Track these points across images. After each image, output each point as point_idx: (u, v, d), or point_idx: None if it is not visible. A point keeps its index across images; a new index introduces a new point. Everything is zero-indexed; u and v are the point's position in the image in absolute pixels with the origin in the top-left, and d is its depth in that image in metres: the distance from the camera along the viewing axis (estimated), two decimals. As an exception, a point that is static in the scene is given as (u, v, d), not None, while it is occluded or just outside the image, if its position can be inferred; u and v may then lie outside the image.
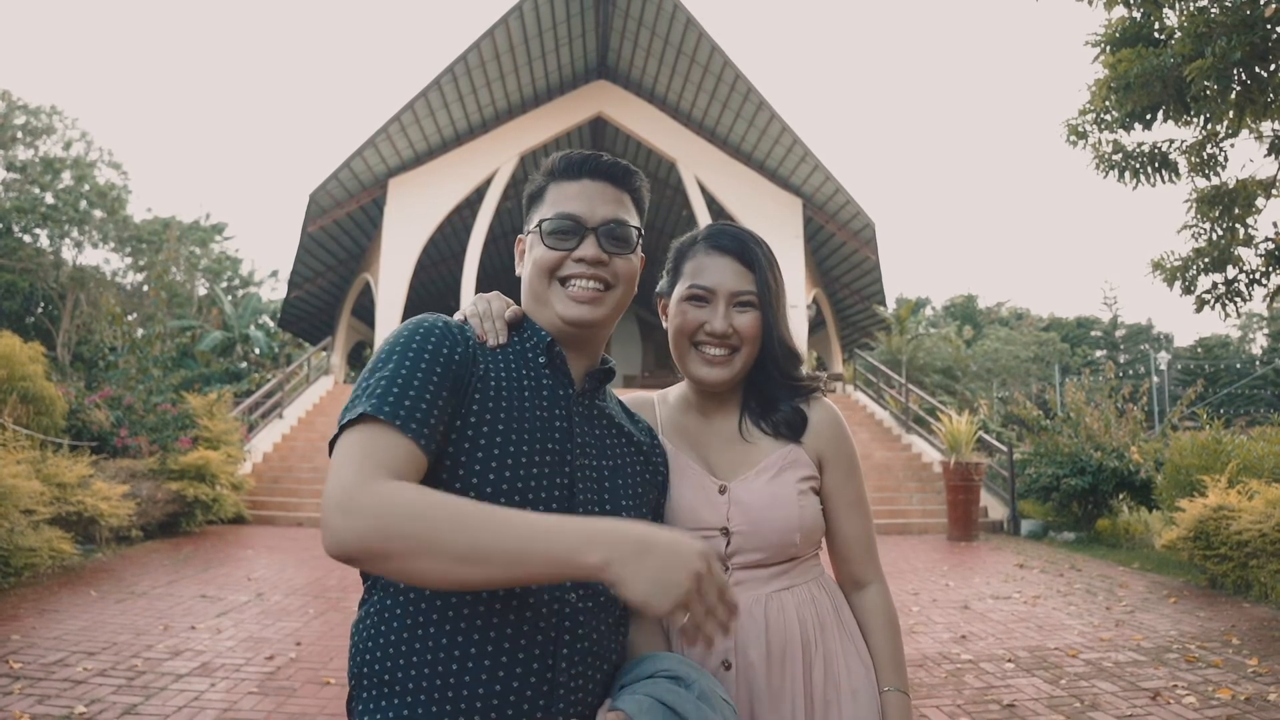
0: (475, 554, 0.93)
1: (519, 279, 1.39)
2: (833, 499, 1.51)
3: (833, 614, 1.48)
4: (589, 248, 1.27)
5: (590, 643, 1.17)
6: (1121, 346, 45.02)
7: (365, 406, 1.06)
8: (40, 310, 29.58)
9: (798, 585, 1.48)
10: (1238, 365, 37.04)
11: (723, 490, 1.47)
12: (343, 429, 1.07)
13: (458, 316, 1.32)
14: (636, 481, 1.35)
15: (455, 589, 1.07)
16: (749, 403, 1.55)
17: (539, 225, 1.31)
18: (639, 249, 1.35)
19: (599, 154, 1.34)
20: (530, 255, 1.33)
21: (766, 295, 1.48)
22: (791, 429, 1.51)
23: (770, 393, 1.53)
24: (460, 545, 0.94)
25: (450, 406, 1.13)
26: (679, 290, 1.51)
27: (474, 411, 1.16)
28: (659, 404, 1.62)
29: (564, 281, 1.29)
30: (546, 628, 1.12)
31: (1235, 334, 43.41)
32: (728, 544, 1.44)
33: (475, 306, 1.33)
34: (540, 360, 1.28)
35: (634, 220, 1.35)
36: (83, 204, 29.01)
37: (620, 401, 1.50)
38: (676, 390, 1.63)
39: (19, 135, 28.83)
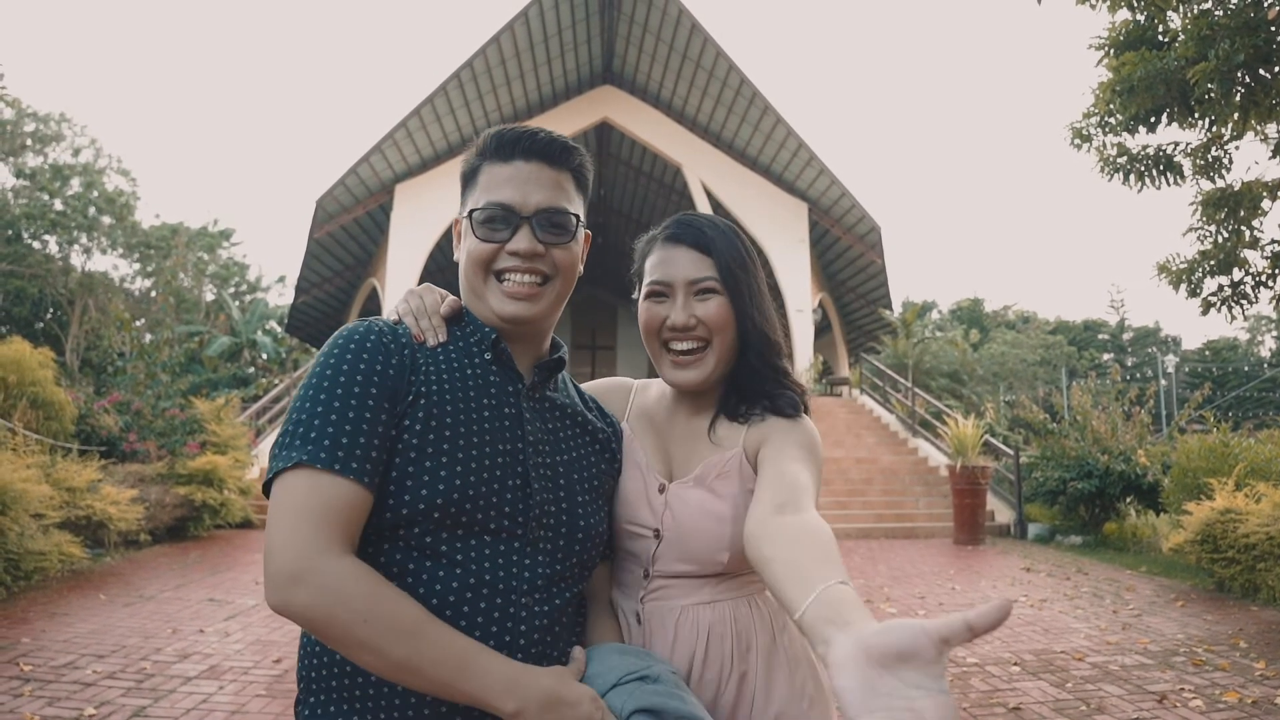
0: (408, 669, 0.99)
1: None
2: (768, 458, 1.29)
3: (765, 634, 1.35)
4: (523, 240, 1.19)
5: (545, 645, 1.15)
6: (1129, 349, 44.85)
7: (303, 454, 1.03)
8: (49, 316, 29.74)
9: (722, 601, 1.35)
10: (1245, 368, 36.90)
11: (662, 489, 1.37)
12: (280, 472, 1.04)
13: (390, 315, 1.25)
14: (593, 474, 1.30)
15: (374, 673, 1.04)
16: (728, 399, 1.41)
17: (469, 214, 1.22)
18: (579, 235, 1.26)
19: (533, 131, 1.23)
20: (464, 245, 1.25)
21: (731, 280, 1.35)
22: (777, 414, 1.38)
23: (753, 389, 1.39)
24: (397, 656, 0.98)
25: (390, 427, 1.10)
26: (642, 291, 1.41)
27: (418, 419, 1.11)
28: (636, 391, 1.52)
29: (499, 275, 1.21)
30: (499, 632, 1.10)
31: (1244, 336, 43.25)
32: (656, 547, 1.35)
33: (408, 304, 1.26)
34: (485, 356, 1.22)
35: (574, 205, 1.25)
36: (91, 210, 29.15)
37: (578, 388, 1.43)
38: (659, 381, 1.51)
39: (28, 142, 28.98)
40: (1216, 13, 5.85)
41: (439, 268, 22.82)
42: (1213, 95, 5.78)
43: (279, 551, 0.99)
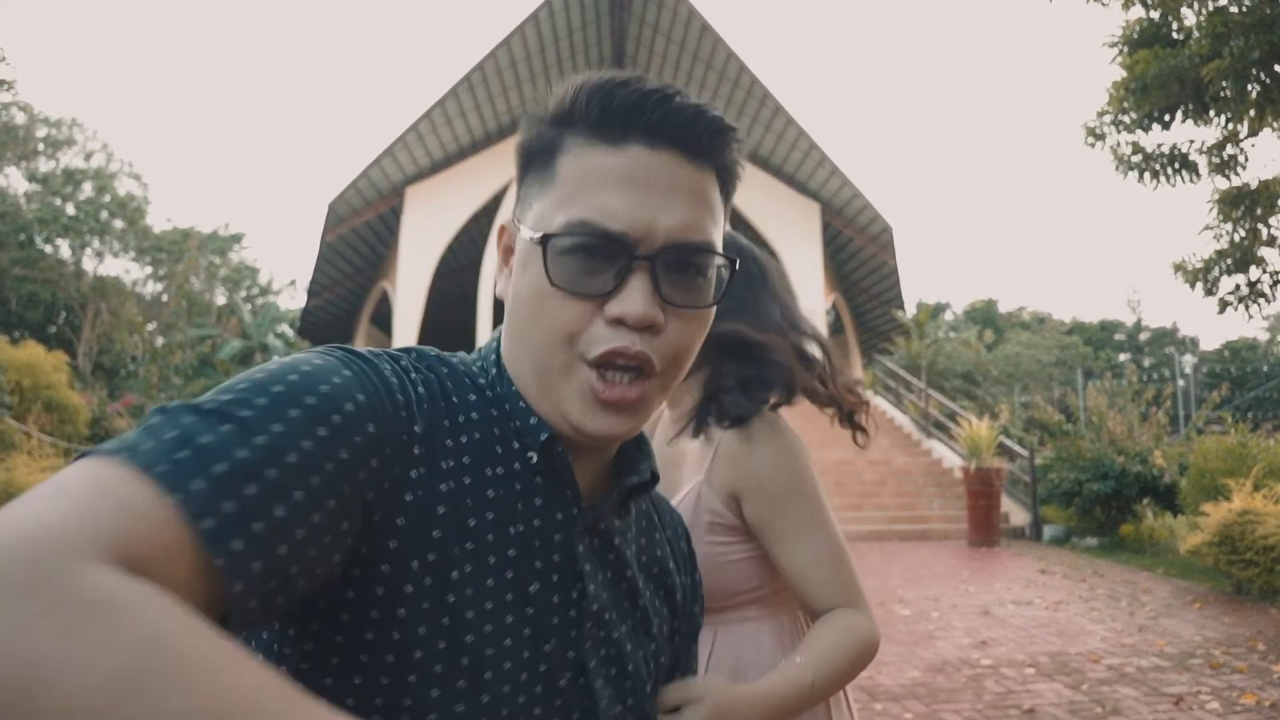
0: None
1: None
2: (763, 533, 1.23)
3: (757, 664, 1.23)
4: (636, 298, 0.65)
5: None
6: (1146, 350, 44.55)
7: (164, 466, 0.46)
8: (62, 320, 29.95)
9: (725, 625, 1.28)
10: (1264, 368, 36.60)
11: None
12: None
13: None
14: (651, 654, 0.79)
15: None
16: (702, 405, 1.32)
17: (543, 240, 0.65)
18: (721, 289, 0.72)
19: (665, 92, 0.67)
20: (525, 281, 0.69)
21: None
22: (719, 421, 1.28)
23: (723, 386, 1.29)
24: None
25: (345, 535, 0.55)
26: None
27: (410, 544, 0.61)
28: None
29: (586, 361, 0.66)
30: None
31: (1263, 336, 42.89)
32: None
33: None
34: (530, 458, 0.69)
35: (719, 235, 0.72)
36: (103, 215, 29.36)
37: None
38: None
39: (40, 148, 29.25)
40: (1231, 9, 5.80)
41: (450, 270, 22.90)
42: (1227, 93, 5.73)
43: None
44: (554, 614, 0.68)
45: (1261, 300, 7.37)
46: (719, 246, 0.71)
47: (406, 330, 19.64)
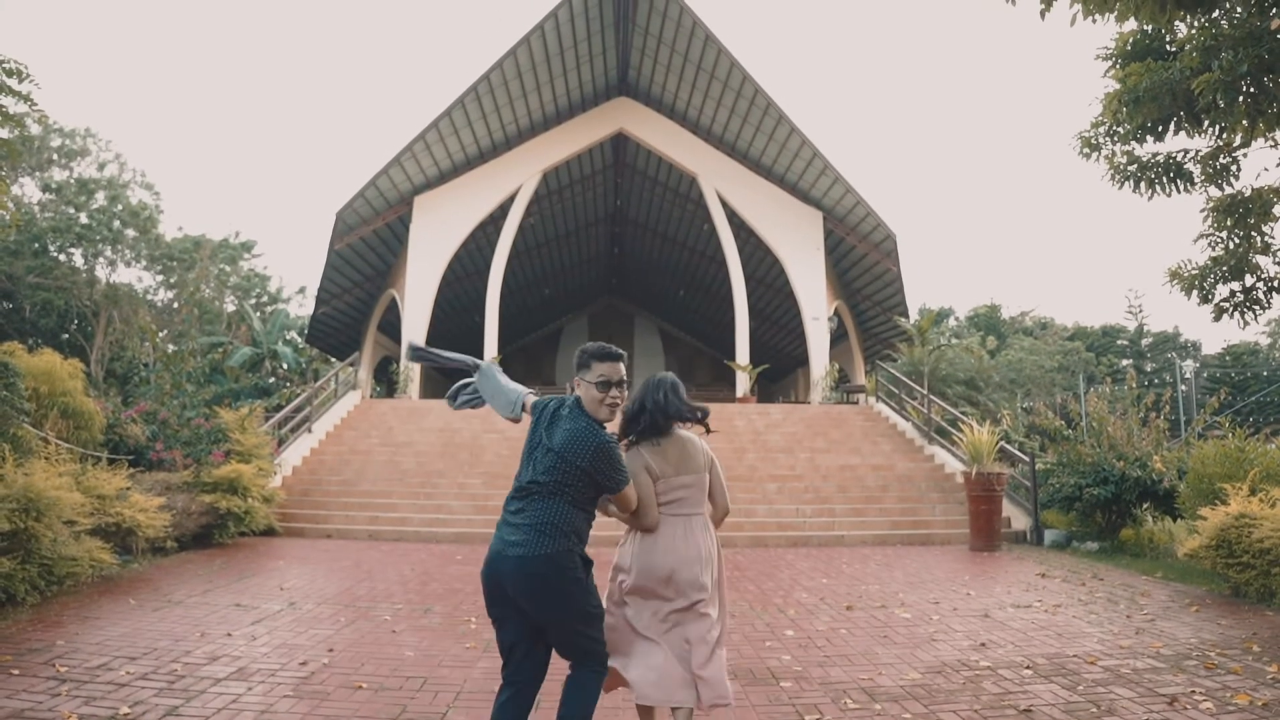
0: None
1: (539, 298, 1.78)
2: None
3: None
4: (617, 392, 3.06)
5: None
6: (1148, 355, 44.49)
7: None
8: (74, 327, 30.17)
9: None
10: (1265, 373, 36.52)
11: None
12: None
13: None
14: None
15: None
16: None
17: (596, 383, 3.05)
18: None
19: (612, 349, 3.14)
20: (589, 392, 3.06)
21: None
22: None
23: None
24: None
25: None
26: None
27: None
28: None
29: (606, 404, 3.05)
30: None
31: (1265, 341, 42.77)
32: None
33: None
34: None
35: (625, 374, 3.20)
36: (116, 223, 29.60)
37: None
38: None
39: (55, 157, 29.51)
40: (1221, 23, 5.90)
41: (457, 277, 23.05)
42: (1219, 104, 5.83)
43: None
44: None
45: (1256, 308, 7.43)
46: (628, 379, 3.18)
47: (414, 337, 19.77)
